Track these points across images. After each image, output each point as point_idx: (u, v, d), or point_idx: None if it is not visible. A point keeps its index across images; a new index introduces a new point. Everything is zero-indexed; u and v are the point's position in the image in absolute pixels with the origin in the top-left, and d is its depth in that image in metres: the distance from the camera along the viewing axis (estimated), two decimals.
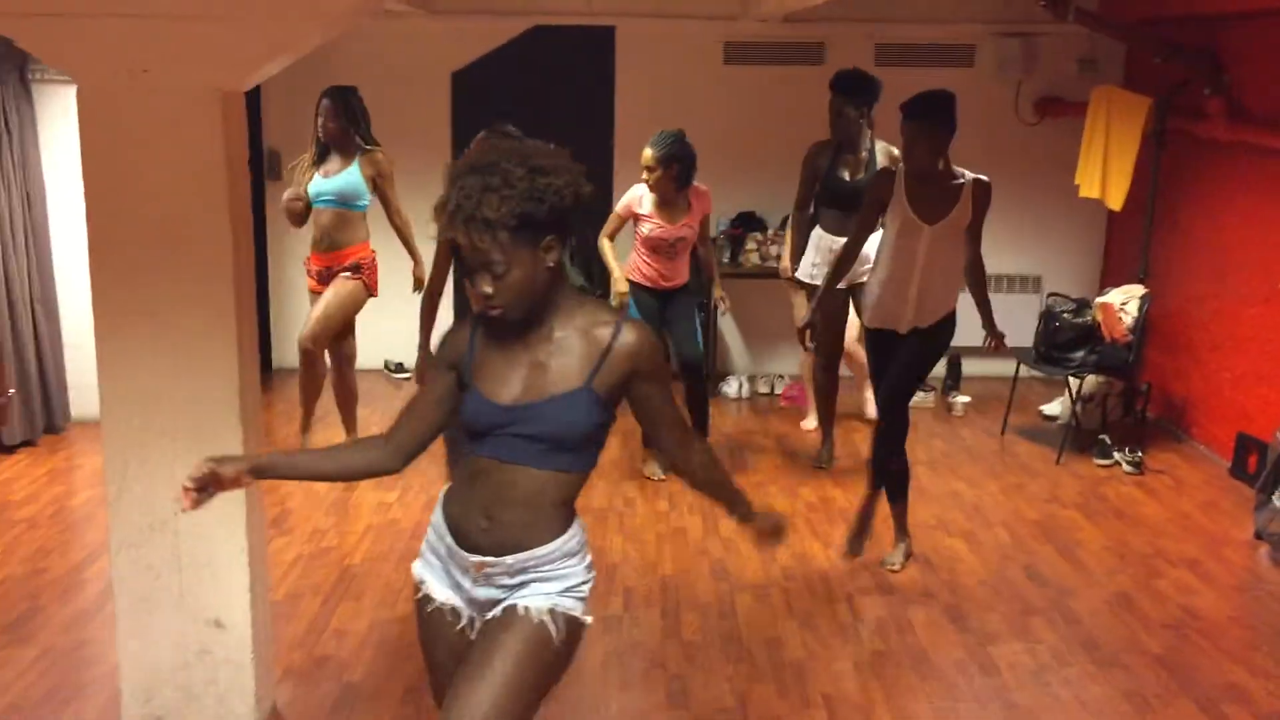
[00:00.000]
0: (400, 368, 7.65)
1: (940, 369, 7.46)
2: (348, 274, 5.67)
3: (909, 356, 4.61)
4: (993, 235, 7.70)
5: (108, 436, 3.35)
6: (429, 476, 5.30)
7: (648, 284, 5.67)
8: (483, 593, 2.38)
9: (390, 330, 6.84)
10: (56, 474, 5.69)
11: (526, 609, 2.32)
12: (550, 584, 2.35)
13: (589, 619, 2.43)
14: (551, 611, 2.33)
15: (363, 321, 5.99)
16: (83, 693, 3.70)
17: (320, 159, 5.64)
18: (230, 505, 3.35)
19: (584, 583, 2.41)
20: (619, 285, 5.57)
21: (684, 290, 5.74)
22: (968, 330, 7.76)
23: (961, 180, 4.42)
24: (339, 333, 5.79)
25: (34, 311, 6.07)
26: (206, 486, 2.39)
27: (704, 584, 4.64)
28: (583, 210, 2.25)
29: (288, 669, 3.91)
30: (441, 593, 2.43)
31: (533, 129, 7.28)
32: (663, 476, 5.71)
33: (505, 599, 2.36)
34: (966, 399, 7.16)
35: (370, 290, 5.77)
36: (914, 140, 4.32)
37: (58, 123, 6.11)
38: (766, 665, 4.02)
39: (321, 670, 3.93)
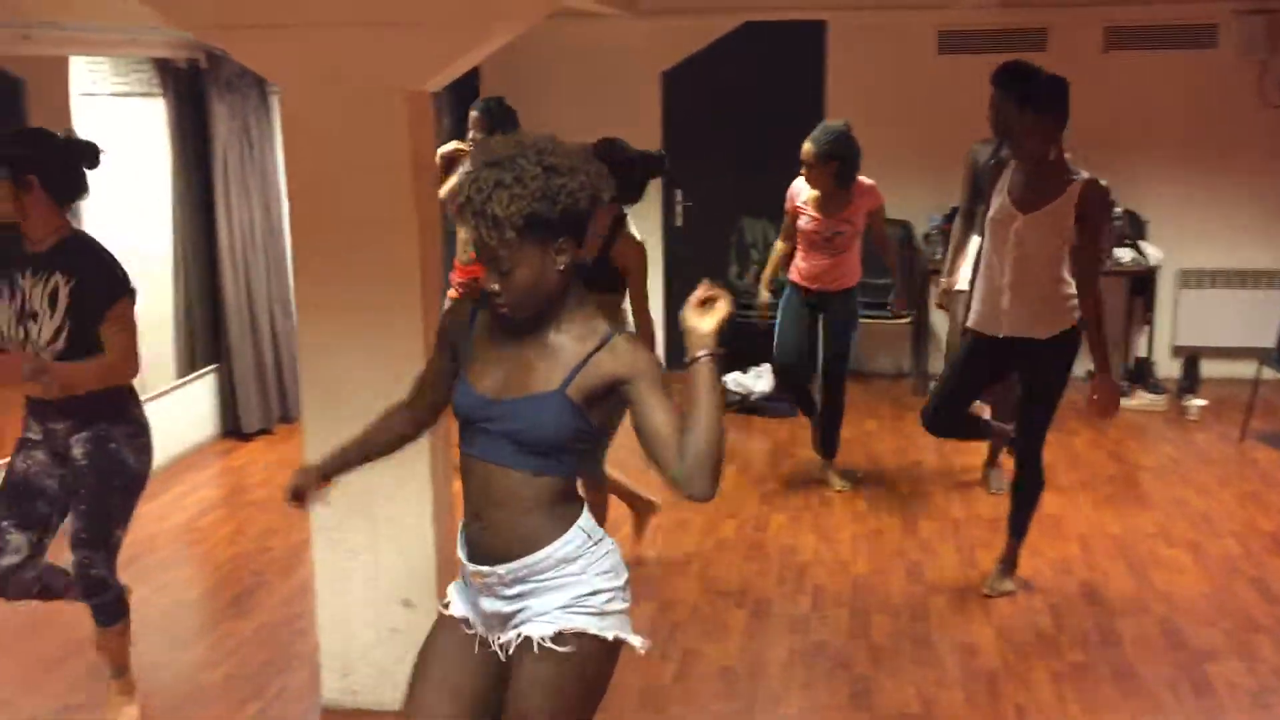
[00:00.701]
0: None
1: (1175, 369, 7.03)
2: None
3: (1029, 377, 4.29)
4: (1231, 228, 7.27)
5: (307, 425, 3.55)
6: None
7: (801, 282, 5.43)
8: (488, 604, 2.29)
9: None
10: (287, 460, 6.06)
11: (537, 642, 2.20)
12: (552, 595, 2.22)
13: (612, 635, 2.24)
14: (560, 636, 2.20)
15: None
16: (291, 665, 3.92)
17: None
18: (419, 490, 3.50)
19: (595, 593, 2.23)
20: (762, 293, 5.50)
21: (846, 294, 5.39)
22: (1205, 328, 7.27)
23: (1074, 178, 4.07)
24: None
25: (272, 311, 6.50)
26: (301, 497, 2.56)
27: (897, 586, 4.52)
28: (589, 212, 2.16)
29: None
30: (459, 608, 2.38)
31: (745, 125, 7.44)
32: (844, 488, 5.54)
33: (513, 618, 2.26)
34: (1202, 402, 6.69)
35: None
36: (1027, 127, 4.03)
37: None
38: (957, 672, 3.88)
39: None
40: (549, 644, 2.19)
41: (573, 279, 2.21)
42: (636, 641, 2.30)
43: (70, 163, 3.28)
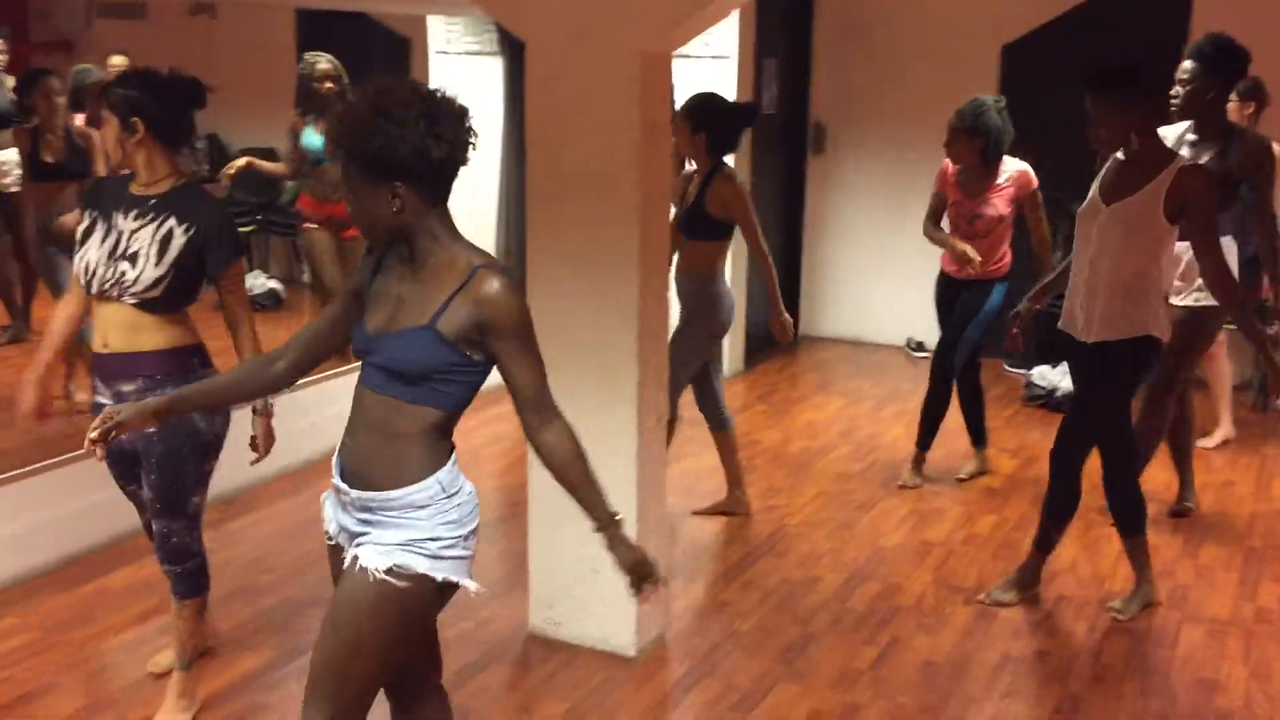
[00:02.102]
0: (920, 346, 7.53)
1: None
2: None
3: (1081, 376, 3.94)
4: None
5: None
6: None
7: (943, 267, 5.09)
8: (342, 518, 2.38)
9: (913, 306, 6.77)
10: None
11: (363, 567, 2.28)
12: (394, 532, 2.28)
13: (441, 577, 2.30)
14: (391, 570, 2.26)
15: (886, 298, 6.02)
16: (512, 590, 4.14)
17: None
18: (623, 438, 3.60)
19: (435, 539, 2.29)
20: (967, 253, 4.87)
21: (982, 285, 4.93)
22: None
23: (1167, 163, 3.68)
24: None
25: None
26: (108, 435, 2.46)
27: (1152, 608, 4.14)
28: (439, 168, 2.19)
29: (690, 606, 4.11)
30: (329, 521, 2.45)
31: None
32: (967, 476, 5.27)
33: (357, 537, 2.34)
34: None
35: None
36: (1093, 114, 3.69)
37: None
38: (1187, 707, 3.53)
39: (717, 615, 4.08)
40: (377, 572, 2.26)
41: (430, 220, 2.25)
42: (472, 586, 2.37)
43: (175, 103, 3.17)
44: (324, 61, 5.90)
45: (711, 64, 6.61)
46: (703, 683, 3.62)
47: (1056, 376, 6.38)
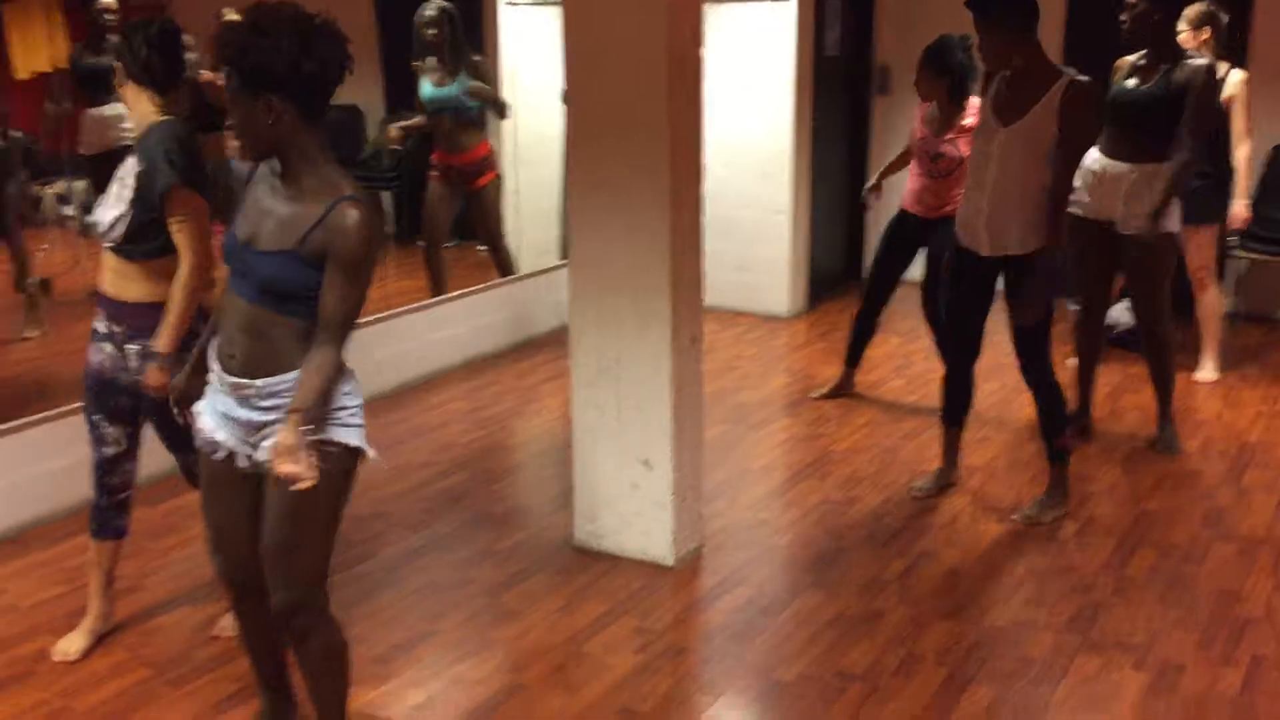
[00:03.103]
0: None
1: None
2: None
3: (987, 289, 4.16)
4: None
5: (573, 291, 3.94)
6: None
7: (904, 206, 5.20)
8: (243, 413, 2.53)
9: None
10: None
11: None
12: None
13: (355, 442, 2.53)
14: (323, 443, 2.46)
15: None
16: (560, 510, 4.35)
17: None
18: (659, 358, 3.79)
19: (341, 408, 2.51)
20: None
21: (947, 222, 4.55)
22: None
23: (1055, 80, 3.87)
24: None
25: None
26: (186, 399, 2.72)
27: (1185, 526, 4.22)
28: (310, 82, 2.36)
29: (730, 522, 4.30)
30: (208, 423, 2.60)
31: None
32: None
33: (265, 427, 2.51)
34: None
35: None
36: (978, 36, 3.88)
37: None
38: (1205, 615, 3.62)
39: (755, 530, 4.27)
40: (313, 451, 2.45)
41: (305, 138, 2.43)
42: (372, 452, 2.58)
43: (148, 46, 3.14)
44: (430, 9, 6.16)
45: (771, 7, 6.71)
46: (735, 589, 3.82)
47: (1117, 313, 6.38)
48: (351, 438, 2.55)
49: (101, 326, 3.24)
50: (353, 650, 2.83)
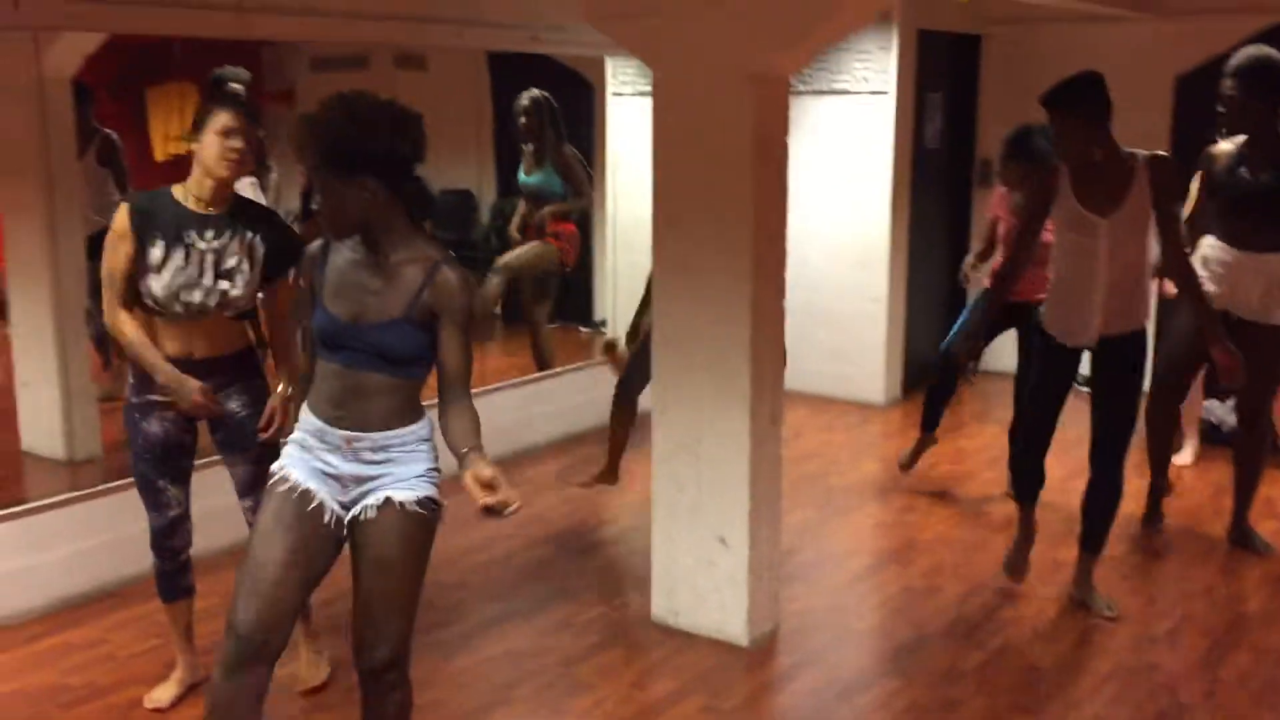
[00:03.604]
0: (1088, 382, 7.45)
1: None
2: None
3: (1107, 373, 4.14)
4: None
5: (658, 368, 4.02)
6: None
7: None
8: (349, 468, 2.64)
9: None
10: None
11: (401, 504, 2.61)
12: (411, 466, 2.65)
13: (445, 501, 2.71)
14: (420, 501, 2.63)
15: None
16: (638, 577, 4.36)
17: None
18: (738, 437, 3.83)
19: (435, 469, 2.69)
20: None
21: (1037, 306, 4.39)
22: None
23: (1135, 162, 3.94)
24: None
25: None
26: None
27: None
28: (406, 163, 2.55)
29: (808, 606, 4.28)
30: (300, 477, 2.67)
31: None
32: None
33: (373, 480, 2.64)
34: None
35: None
36: (1058, 131, 3.89)
37: None
38: None
39: (833, 615, 4.24)
40: (413, 506, 2.61)
41: (393, 213, 2.56)
42: (445, 503, 2.73)
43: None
44: (525, 98, 6.44)
45: (870, 99, 6.81)
46: (809, 672, 3.79)
47: (1223, 411, 6.22)
48: (442, 495, 2.72)
49: (160, 395, 3.36)
50: (429, 714, 2.89)
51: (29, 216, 5.10)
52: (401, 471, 2.65)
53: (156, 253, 3.26)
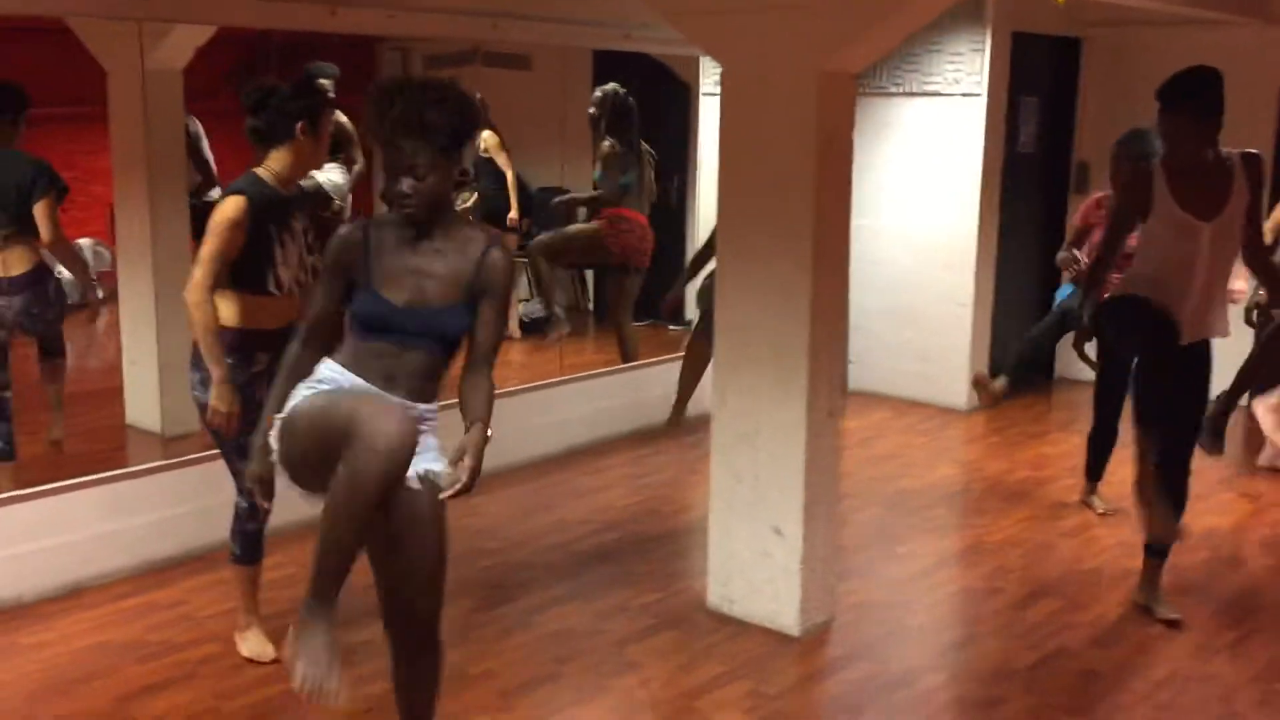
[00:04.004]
0: None
1: None
2: None
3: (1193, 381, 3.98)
4: None
5: (718, 359, 4.09)
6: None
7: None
8: None
9: None
10: None
11: (434, 474, 2.66)
12: (431, 439, 2.72)
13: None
14: (442, 473, 2.65)
15: None
16: (699, 565, 4.43)
17: None
18: (795, 429, 3.88)
19: (442, 447, 2.74)
20: None
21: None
22: None
23: (1230, 162, 3.85)
24: None
25: None
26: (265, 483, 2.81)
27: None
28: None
29: (864, 600, 4.30)
30: None
31: None
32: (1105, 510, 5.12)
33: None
34: None
35: None
36: (1175, 130, 3.76)
37: (872, 133, 7.07)
38: None
39: (887, 609, 4.26)
40: (438, 478, 2.64)
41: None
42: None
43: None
44: (598, 90, 6.56)
45: (961, 101, 6.77)
46: (856, 664, 3.82)
47: None
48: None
49: (263, 365, 3.55)
50: (479, 684, 3.00)
51: (136, 204, 5.39)
52: (429, 442, 2.73)
53: (271, 238, 3.52)
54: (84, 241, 7.02)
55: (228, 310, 3.53)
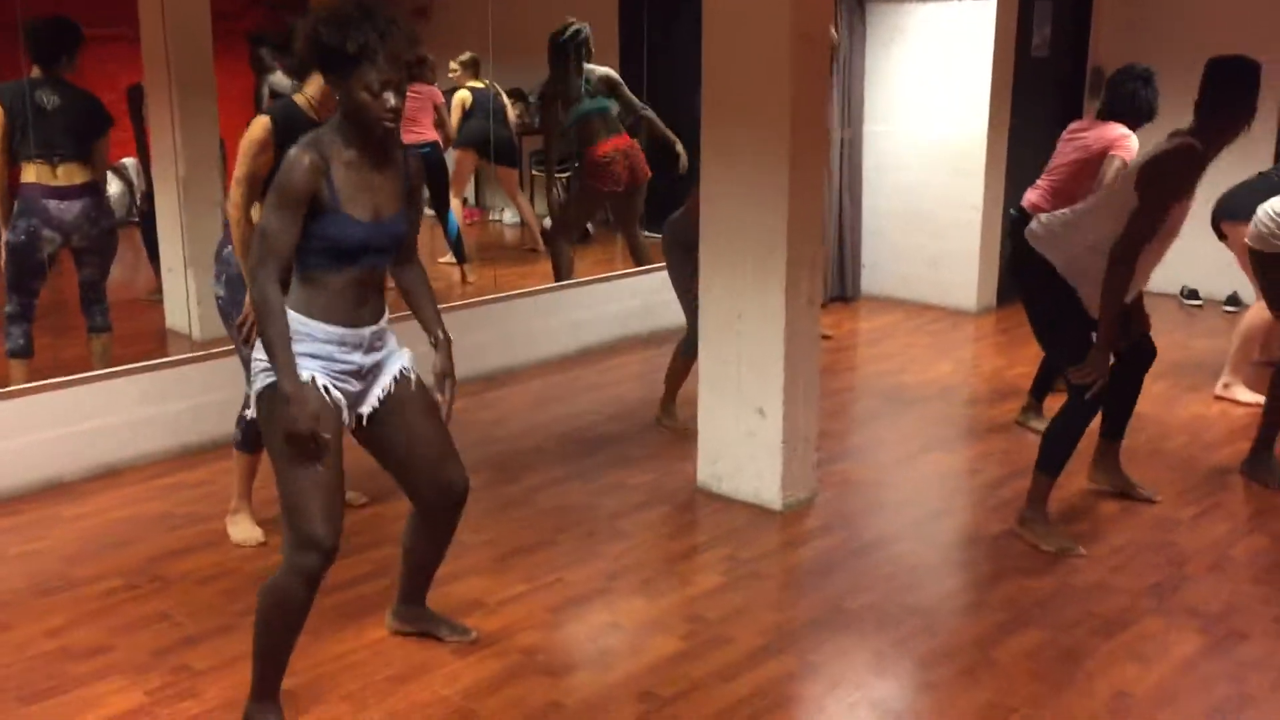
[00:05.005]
0: (1194, 294, 7.39)
1: None
2: None
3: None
4: None
5: (704, 252, 4.30)
6: None
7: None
8: (370, 359, 2.86)
9: (1186, 253, 6.66)
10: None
11: (418, 376, 2.97)
12: (393, 341, 2.97)
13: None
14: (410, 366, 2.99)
15: None
16: (690, 453, 4.67)
17: None
18: (776, 315, 4.09)
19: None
20: None
21: None
22: None
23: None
24: None
25: (842, 198, 7.25)
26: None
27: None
28: None
29: (848, 480, 4.55)
30: (325, 385, 2.75)
31: None
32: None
33: (381, 365, 2.91)
34: None
35: None
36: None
37: (883, 39, 7.17)
38: None
39: (872, 489, 4.50)
40: (411, 371, 2.97)
41: None
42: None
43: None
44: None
45: (971, 5, 6.84)
46: (831, 534, 4.07)
47: None
48: None
49: None
50: (478, 551, 3.42)
51: (165, 123, 5.69)
52: (393, 345, 2.97)
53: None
54: (128, 161, 7.34)
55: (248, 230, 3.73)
